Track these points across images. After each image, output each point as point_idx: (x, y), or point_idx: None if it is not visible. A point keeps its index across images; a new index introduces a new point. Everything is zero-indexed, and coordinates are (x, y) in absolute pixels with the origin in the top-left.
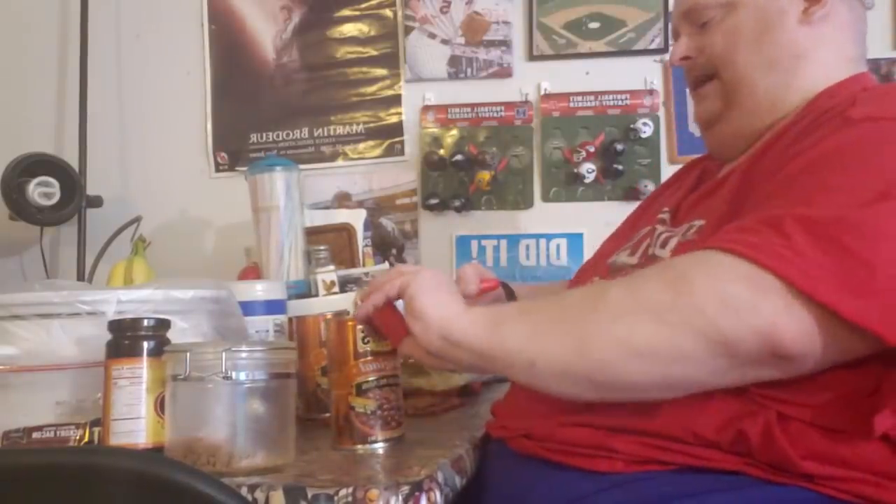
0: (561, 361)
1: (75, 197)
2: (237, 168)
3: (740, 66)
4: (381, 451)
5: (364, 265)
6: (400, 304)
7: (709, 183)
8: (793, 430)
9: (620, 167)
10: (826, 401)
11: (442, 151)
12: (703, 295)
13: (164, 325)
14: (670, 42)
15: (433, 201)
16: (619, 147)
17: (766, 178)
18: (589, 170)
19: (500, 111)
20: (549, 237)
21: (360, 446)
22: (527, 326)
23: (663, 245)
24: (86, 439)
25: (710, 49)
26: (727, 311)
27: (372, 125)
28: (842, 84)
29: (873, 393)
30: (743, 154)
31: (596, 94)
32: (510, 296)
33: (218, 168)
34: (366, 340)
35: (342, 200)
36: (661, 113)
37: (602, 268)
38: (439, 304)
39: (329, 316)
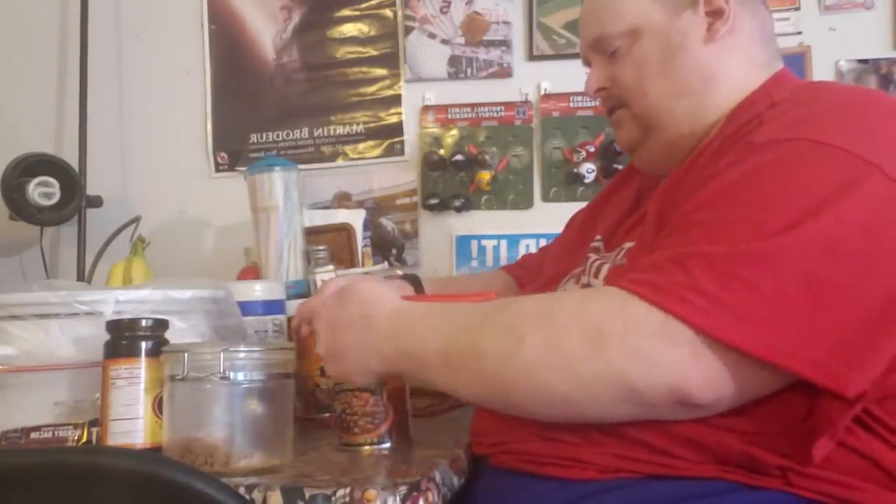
0: (486, 403)
1: (75, 197)
2: (237, 168)
3: (652, 97)
4: (377, 452)
5: (363, 265)
6: None
7: (641, 210)
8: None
9: (620, 167)
10: (760, 429)
11: (442, 151)
12: (615, 350)
13: (162, 325)
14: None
15: (433, 201)
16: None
17: (685, 200)
18: (589, 170)
19: (500, 111)
20: (549, 237)
21: (344, 447)
22: (449, 372)
23: (596, 274)
24: (84, 439)
25: (621, 81)
26: (637, 366)
27: (372, 125)
28: (759, 91)
29: (807, 418)
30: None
31: None
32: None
33: (218, 168)
34: None
35: (342, 200)
36: None
37: None
38: (353, 373)
39: None
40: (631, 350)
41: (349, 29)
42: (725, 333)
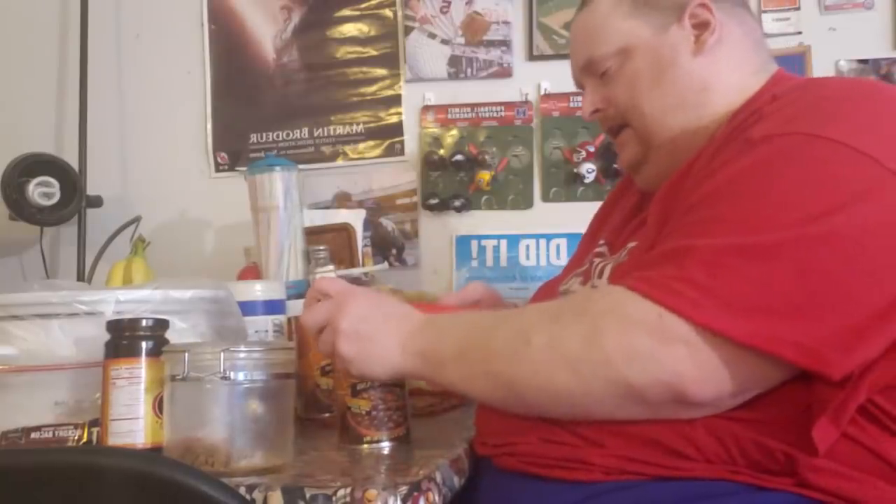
0: (496, 401)
1: (75, 197)
2: (237, 168)
3: (648, 113)
4: (376, 451)
5: (363, 265)
6: None
7: (644, 212)
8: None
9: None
10: (766, 417)
11: (442, 151)
12: (611, 347)
13: (162, 325)
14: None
15: (433, 201)
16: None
17: (685, 198)
18: (589, 170)
19: (500, 111)
20: (549, 237)
21: (355, 446)
22: (462, 371)
23: (600, 275)
24: (84, 439)
25: (616, 100)
26: (633, 363)
27: (372, 125)
28: (759, 93)
29: (809, 407)
30: None
31: None
32: None
33: (218, 168)
34: None
35: (342, 200)
36: None
37: (555, 296)
38: (373, 360)
39: None
40: (628, 348)
41: (349, 29)
42: (714, 321)
